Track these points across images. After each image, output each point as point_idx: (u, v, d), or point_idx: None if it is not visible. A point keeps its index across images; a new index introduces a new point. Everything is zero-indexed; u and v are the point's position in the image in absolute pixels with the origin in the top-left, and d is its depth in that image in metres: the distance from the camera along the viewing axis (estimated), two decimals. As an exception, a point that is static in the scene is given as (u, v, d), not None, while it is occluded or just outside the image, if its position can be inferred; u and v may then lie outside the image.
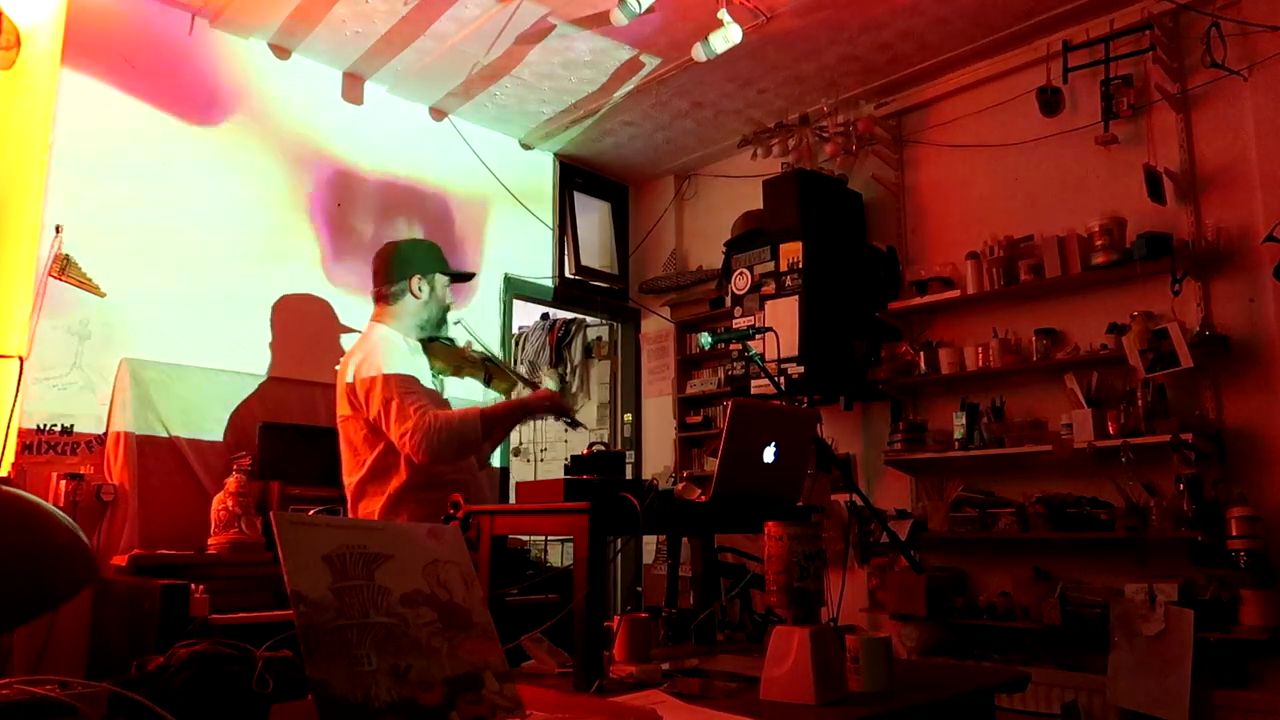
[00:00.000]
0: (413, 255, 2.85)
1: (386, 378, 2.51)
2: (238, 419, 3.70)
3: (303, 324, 4.05)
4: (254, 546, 3.26)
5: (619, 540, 2.50)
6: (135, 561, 3.08)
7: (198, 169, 3.83)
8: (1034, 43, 4.01)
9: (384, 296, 2.78)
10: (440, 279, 2.85)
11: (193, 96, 3.86)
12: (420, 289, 2.79)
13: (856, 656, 1.61)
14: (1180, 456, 3.32)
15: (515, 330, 5.51)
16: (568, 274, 5.32)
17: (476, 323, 4.78)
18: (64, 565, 1.13)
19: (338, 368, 2.73)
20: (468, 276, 3.26)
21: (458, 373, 2.85)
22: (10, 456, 3.19)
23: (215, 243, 3.85)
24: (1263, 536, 3.15)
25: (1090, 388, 3.60)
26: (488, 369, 2.88)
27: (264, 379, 3.84)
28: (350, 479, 2.67)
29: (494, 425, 2.54)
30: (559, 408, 2.64)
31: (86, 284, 3.41)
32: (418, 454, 2.44)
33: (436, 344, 2.85)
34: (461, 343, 2.95)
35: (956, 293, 4.07)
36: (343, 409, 2.67)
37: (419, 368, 2.69)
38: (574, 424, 2.80)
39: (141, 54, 3.71)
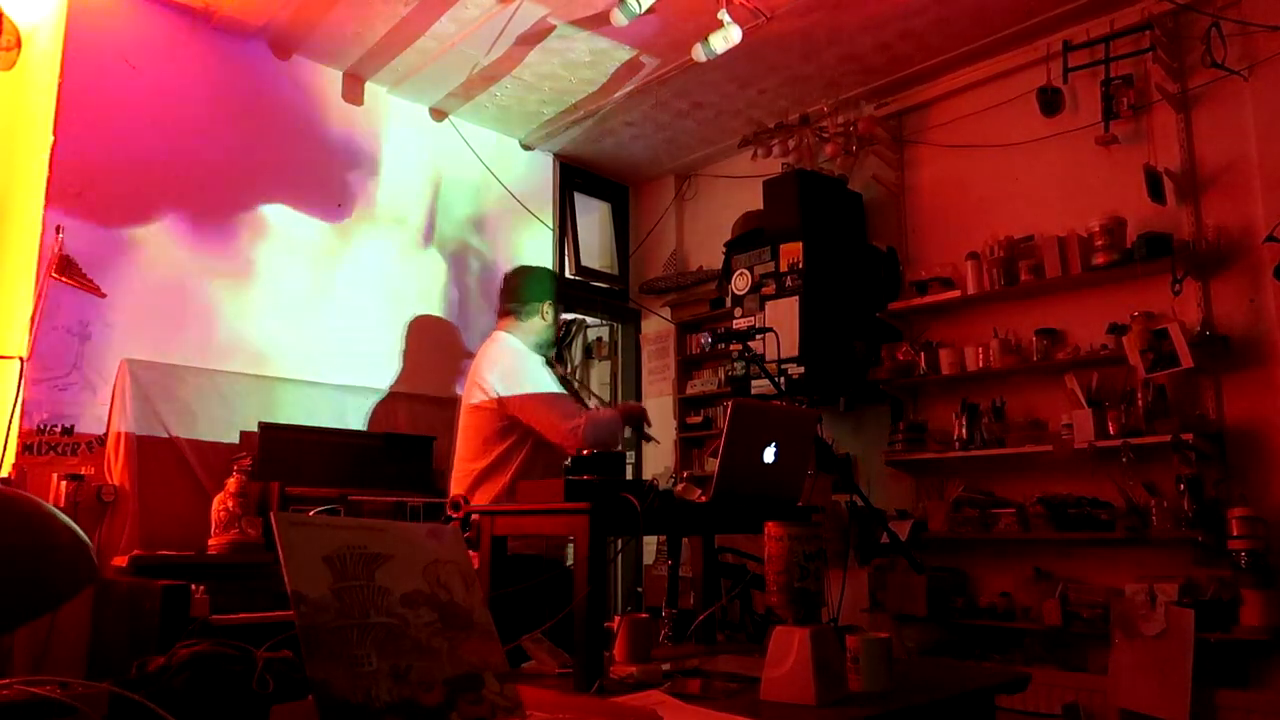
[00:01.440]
0: (546, 282, 3.18)
1: (543, 383, 2.87)
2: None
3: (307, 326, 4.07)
4: (254, 547, 3.26)
5: (619, 541, 2.53)
6: (136, 562, 3.08)
7: (198, 167, 3.83)
8: (1034, 43, 4.01)
9: (515, 312, 3.08)
10: (558, 307, 3.20)
11: (192, 96, 3.86)
12: (547, 313, 3.11)
13: (857, 657, 1.61)
14: (1181, 456, 3.32)
15: (515, 330, 5.50)
16: (568, 274, 5.31)
17: (478, 323, 4.80)
18: (64, 566, 1.13)
19: (473, 363, 2.99)
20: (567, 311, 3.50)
21: None
22: (11, 457, 3.19)
23: (217, 240, 3.85)
24: (1263, 537, 3.15)
25: (1090, 388, 3.60)
26: (571, 392, 3.12)
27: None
28: (474, 464, 2.85)
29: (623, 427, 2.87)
30: (642, 419, 2.92)
31: (87, 284, 3.41)
32: (580, 444, 2.65)
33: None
34: None
35: (957, 293, 4.07)
36: (479, 399, 2.89)
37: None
38: (647, 437, 2.99)
39: (142, 54, 3.71)
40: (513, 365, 2.88)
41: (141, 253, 3.61)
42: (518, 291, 3.10)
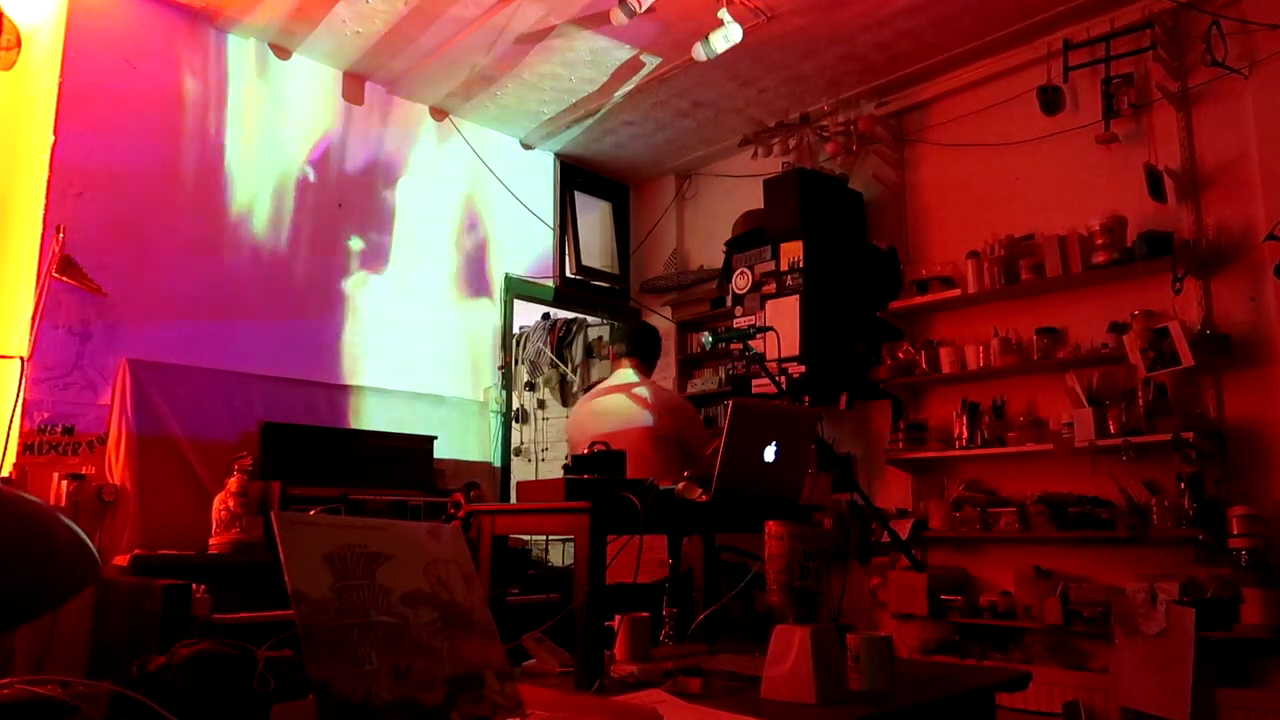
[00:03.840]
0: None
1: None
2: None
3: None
4: (255, 546, 3.26)
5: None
6: (137, 561, 3.08)
7: (198, 167, 3.84)
8: (1034, 41, 4.01)
9: (649, 364, 3.58)
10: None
11: (192, 96, 3.86)
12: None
13: (857, 656, 1.61)
14: (1181, 455, 3.32)
15: (516, 330, 5.50)
16: (569, 274, 5.32)
17: (477, 324, 4.81)
18: (65, 565, 1.13)
19: (640, 398, 3.46)
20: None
21: None
22: (12, 457, 3.19)
23: (217, 240, 3.86)
24: (1264, 535, 3.15)
25: (1091, 386, 3.59)
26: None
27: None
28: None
29: None
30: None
31: (88, 284, 3.41)
32: None
33: None
34: None
35: (957, 292, 4.07)
36: (660, 430, 3.32)
37: None
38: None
39: (142, 54, 3.71)
40: (682, 403, 3.61)
41: (142, 252, 3.61)
42: (655, 349, 3.66)
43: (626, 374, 3.52)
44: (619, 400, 3.40)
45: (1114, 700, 3.26)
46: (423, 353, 4.52)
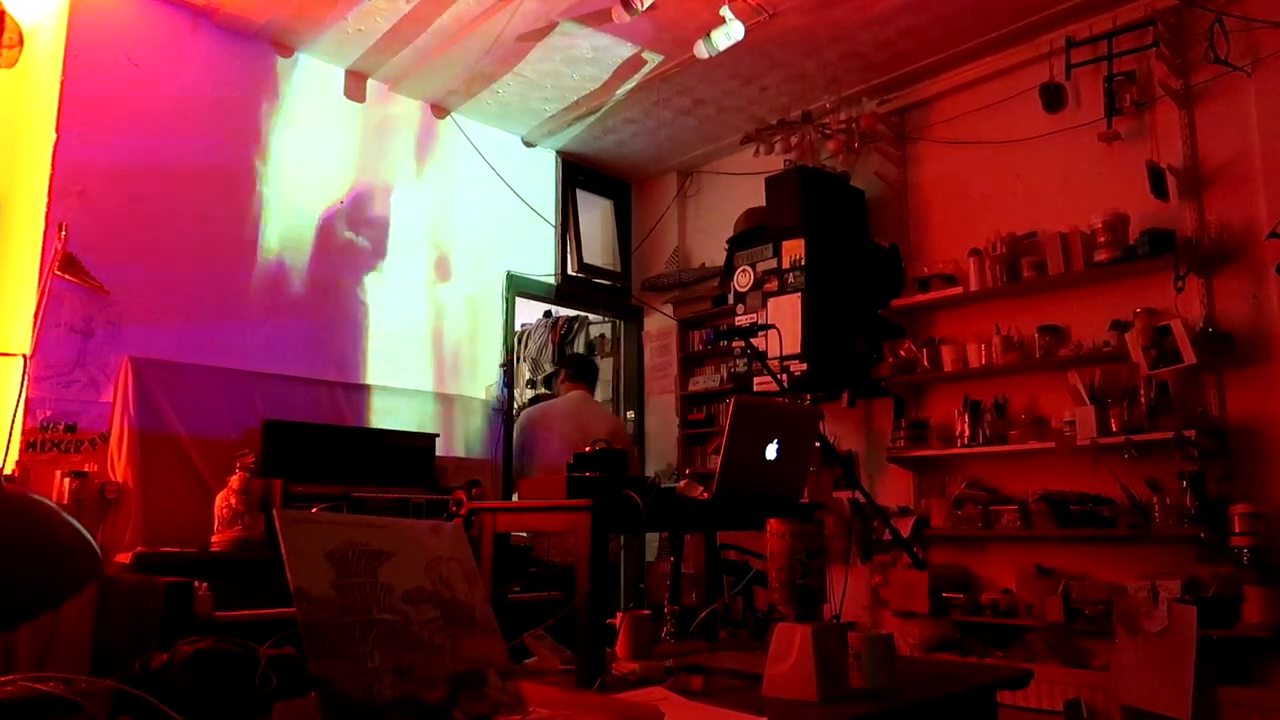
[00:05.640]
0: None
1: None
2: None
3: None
4: (257, 544, 3.26)
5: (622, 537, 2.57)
6: (139, 559, 3.08)
7: (200, 165, 3.84)
8: (1037, 39, 4.00)
9: (593, 388, 4.42)
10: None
11: (194, 94, 3.86)
12: None
13: (859, 653, 1.61)
14: (1183, 453, 3.32)
15: (518, 328, 5.50)
16: (570, 271, 5.31)
17: (479, 321, 4.82)
18: (68, 563, 1.14)
19: (586, 415, 4.17)
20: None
21: None
22: (14, 454, 3.20)
23: (219, 237, 3.86)
24: (1265, 533, 3.14)
25: (1093, 384, 3.59)
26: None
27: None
28: None
29: None
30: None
31: (90, 282, 3.41)
32: None
33: None
34: None
35: (959, 289, 4.07)
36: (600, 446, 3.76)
37: None
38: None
39: (144, 52, 3.71)
40: (622, 424, 4.34)
41: (144, 250, 3.61)
42: (595, 376, 4.50)
43: (583, 395, 4.31)
44: (594, 419, 4.11)
45: (1115, 698, 3.26)
46: (424, 350, 4.52)
